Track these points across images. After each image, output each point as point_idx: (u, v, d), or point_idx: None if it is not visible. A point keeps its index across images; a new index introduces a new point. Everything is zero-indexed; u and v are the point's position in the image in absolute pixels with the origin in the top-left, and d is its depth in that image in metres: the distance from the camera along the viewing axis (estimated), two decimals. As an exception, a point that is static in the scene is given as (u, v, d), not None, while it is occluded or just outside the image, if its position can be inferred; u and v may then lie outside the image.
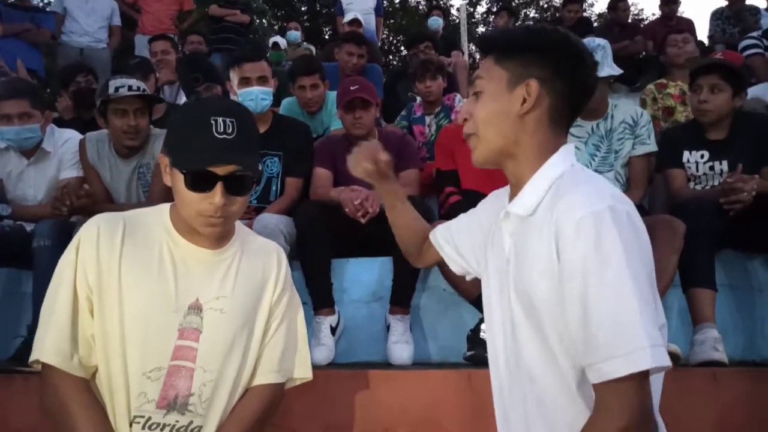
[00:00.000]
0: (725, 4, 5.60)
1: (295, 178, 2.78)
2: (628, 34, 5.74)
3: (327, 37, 9.12)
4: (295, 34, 6.59)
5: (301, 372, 1.41)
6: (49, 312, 1.23)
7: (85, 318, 1.22)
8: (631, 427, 0.89)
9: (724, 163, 2.56)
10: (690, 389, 1.98)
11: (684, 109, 3.52)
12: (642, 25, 7.24)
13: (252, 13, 6.66)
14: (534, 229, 1.00)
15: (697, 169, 2.62)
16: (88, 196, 2.44)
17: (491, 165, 1.11)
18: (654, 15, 13.41)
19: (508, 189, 1.18)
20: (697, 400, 1.96)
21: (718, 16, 5.60)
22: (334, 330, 2.43)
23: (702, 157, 2.61)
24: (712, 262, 2.23)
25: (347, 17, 5.86)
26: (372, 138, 2.78)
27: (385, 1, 7.54)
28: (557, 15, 8.01)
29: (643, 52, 5.73)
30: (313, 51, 6.50)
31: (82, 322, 1.22)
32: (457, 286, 2.28)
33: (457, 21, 8.89)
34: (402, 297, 2.40)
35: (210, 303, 1.26)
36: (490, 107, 1.07)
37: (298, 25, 6.86)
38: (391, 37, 15.27)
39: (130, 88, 2.51)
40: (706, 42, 5.66)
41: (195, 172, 1.18)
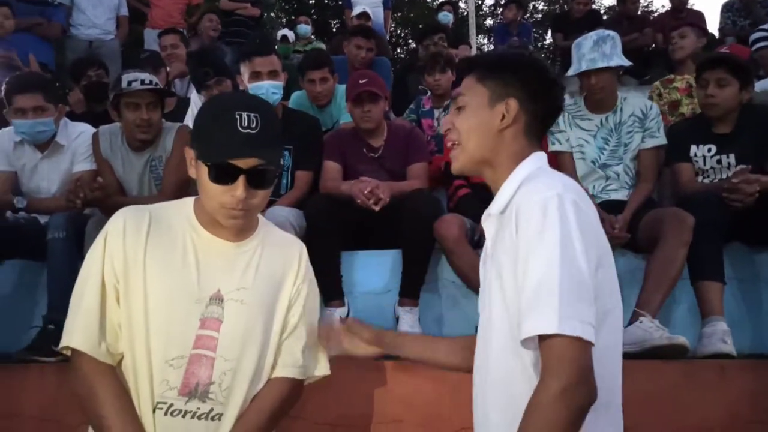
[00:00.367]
0: (736, -4, 5.55)
1: (305, 172, 2.80)
2: (637, 27, 5.71)
3: (335, 30, 9.12)
4: (306, 27, 6.60)
5: (320, 369, 1.45)
6: (78, 300, 1.27)
7: (112, 306, 1.26)
8: (569, 387, 0.96)
9: (731, 157, 2.56)
10: (698, 381, 2.00)
11: (690, 102, 3.51)
12: (651, 18, 7.20)
13: (262, 6, 6.67)
14: (505, 223, 1.12)
15: (704, 163, 2.62)
16: (101, 188, 2.48)
17: (469, 173, 1.25)
18: (664, 7, 13.28)
19: None
20: (705, 392, 1.97)
21: (728, 8, 5.55)
22: (343, 321, 2.45)
23: (709, 150, 2.61)
24: (721, 255, 2.24)
25: (356, 10, 5.86)
26: (380, 132, 2.80)
27: (392, -6, 7.51)
28: (566, 7, 7.97)
29: (653, 45, 5.70)
30: (323, 48, 6.50)
31: (109, 311, 1.26)
32: (466, 278, 2.30)
33: (465, 13, 8.85)
34: (411, 289, 2.42)
35: (231, 294, 1.29)
36: (473, 121, 1.18)
37: (308, 18, 6.85)
38: (398, 30, 15.23)
39: (143, 82, 2.54)
40: (717, 34, 5.63)
41: (218, 165, 1.21)
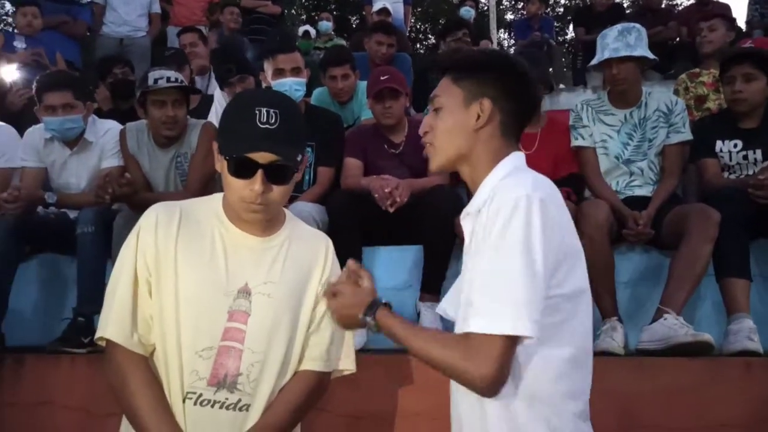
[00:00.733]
0: (764, -13, 5.44)
1: (327, 168, 2.82)
2: (661, 20, 5.62)
3: (354, 26, 9.12)
4: (327, 24, 6.62)
5: (346, 364, 1.46)
6: (112, 293, 1.31)
7: (144, 299, 1.30)
8: (489, 379, 1.02)
9: (758, 152, 2.52)
10: (723, 379, 1.98)
11: (717, 97, 3.46)
12: (676, 11, 7.08)
13: (283, 3, 6.70)
14: (480, 223, 1.14)
15: (730, 159, 2.58)
16: (129, 184, 2.53)
17: (447, 170, 1.28)
18: (688, 0, 13.02)
19: None
20: (730, 389, 1.95)
21: (756, 0, 5.44)
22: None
23: (735, 146, 2.57)
24: (747, 252, 2.21)
25: (376, 6, 5.86)
26: (401, 128, 2.81)
27: (413, -11, 7.48)
28: (588, 1, 7.87)
29: (677, 39, 5.61)
30: (344, 45, 6.52)
31: (141, 303, 1.30)
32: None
33: (486, 8, 8.80)
34: (432, 284, 2.43)
35: (258, 287, 1.31)
36: (449, 122, 1.20)
37: (330, 15, 6.87)
38: (418, 25, 15.18)
39: (169, 80, 2.58)
40: (744, 27, 5.51)
41: (237, 159, 1.23)
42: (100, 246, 2.46)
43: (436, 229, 2.40)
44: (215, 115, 3.51)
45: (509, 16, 15.50)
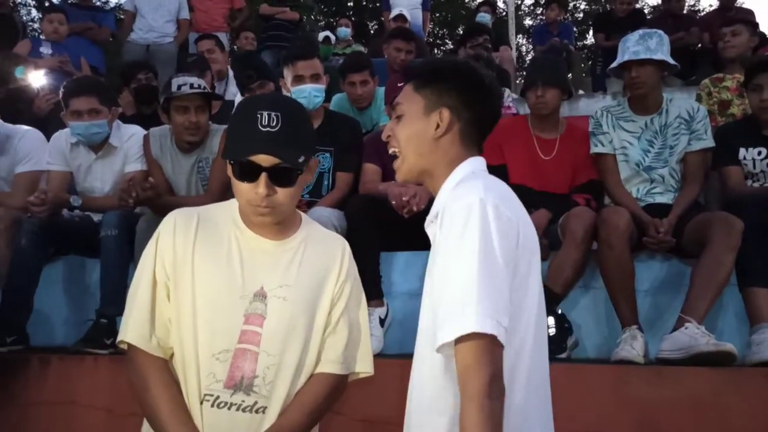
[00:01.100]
0: (788, -8, 5.35)
1: (346, 173, 2.84)
2: (682, 26, 5.56)
3: (372, 32, 9.16)
4: (346, 30, 6.66)
5: (363, 366, 1.45)
6: (132, 297, 1.34)
7: (162, 303, 1.32)
8: (493, 380, 0.98)
9: (784, 160, 2.49)
10: (745, 389, 1.95)
11: (741, 102, 3.41)
12: (698, 17, 7.00)
13: (301, 10, 6.76)
14: (438, 230, 1.14)
15: (754, 166, 2.55)
16: (152, 188, 2.57)
17: (414, 181, 1.28)
18: (711, 6, 12.88)
19: None
20: (752, 400, 1.93)
21: (780, 6, 5.36)
22: (383, 321, 2.48)
23: (759, 153, 2.54)
24: (771, 261, 2.18)
25: (393, 13, 5.89)
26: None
27: (431, -5, 7.49)
28: (608, 7, 7.81)
29: (699, 44, 5.55)
30: (363, 51, 6.56)
31: (160, 307, 1.32)
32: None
33: (505, 13, 8.79)
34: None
35: (274, 291, 1.32)
36: (410, 130, 1.21)
37: (349, 21, 6.91)
38: (436, 30, 15.20)
39: (192, 86, 2.63)
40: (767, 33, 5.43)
41: (240, 163, 1.25)
42: (123, 249, 2.51)
43: (454, 235, 2.40)
44: (236, 121, 3.55)
45: (528, 22, 15.45)
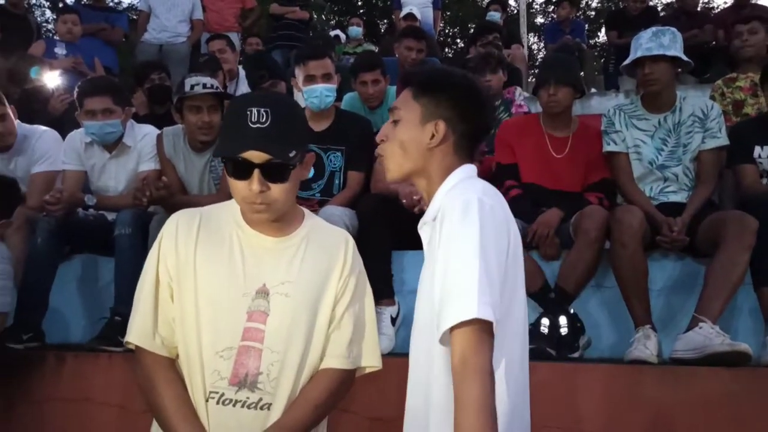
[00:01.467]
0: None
1: (357, 172, 2.85)
2: (696, 23, 5.51)
3: (383, 30, 9.16)
4: (357, 29, 6.66)
5: (371, 360, 1.44)
6: (137, 298, 1.36)
7: (166, 303, 1.34)
8: (487, 363, 1.01)
9: (800, 159, 2.46)
10: (760, 390, 1.94)
11: (755, 102, 3.38)
12: (712, 14, 6.93)
13: (311, 9, 6.78)
14: (436, 229, 1.17)
15: (770, 165, 2.53)
16: (166, 187, 2.59)
17: (402, 181, 1.31)
18: (725, 3, 12.72)
19: None
20: (766, 401, 1.91)
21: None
22: (394, 320, 2.49)
23: (775, 152, 2.51)
24: (786, 261, 2.16)
25: (403, 11, 5.89)
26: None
27: (441, -6, 7.47)
28: (621, 4, 7.74)
29: (713, 42, 5.50)
30: (375, 50, 6.57)
31: (163, 307, 1.34)
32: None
33: (516, 12, 8.76)
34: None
35: (276, 288, 1.33)
36: (406, 136, 1.23)
37: (360, 20, 6.91)
38: (447, 29, 15.17)
39: (205, 86, 2.64)
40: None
41: (233, 160, 1.25)
42: (136, 247, 2.53)
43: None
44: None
45: (539, 20, 15.37)
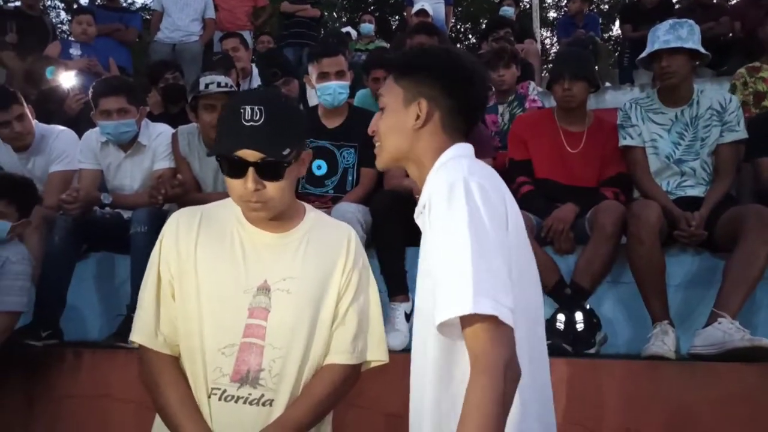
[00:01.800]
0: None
1: (370, 169, 2.84)
2: (712, 16, 5.43)
3: (394, 27, 9.15)
4: (369, 26, 6.64)
5: (377, 354, 1.42)
6: (141, 297, 1.37)
7: (167, 301, 1.34)
8: (504, 363, 0.93)
9: (821, 151, 2.41)
10: (781, 386, 1.91)
11: (776, 95, 3.32)
12: (729, 5, 6.81)
13: (321, 7, 6.78)
14: (426, 219, 1.12)
15: (790, 158, 2.49)
16: (181, 185, 2.61)
17: (394, 167, 1.25)
18: (741, -7, 12.47)
19: None
20: (789, 397, 1.88)
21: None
22: (408, 316, 2.48)
23: (795, 144, 2.47)
24: (808, 255, 2.12)
25: (415, 8, 5.87)
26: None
27: (453, -11, 7.43)
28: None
29: (730, 34, 5.41)
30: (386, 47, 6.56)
31: (165, 305, 1.34)
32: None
33: (529, 6, 8.69)
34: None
35: (277, 284, 1.32)
36: (391, 121, 1.19)
37: (372, 17, 6.89)
38: (459, 25, 15.10)
39: (219, 85, 2.66)
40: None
41: (227, 158, 1.25)
42: (152, 245, 2.52)
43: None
44: (261, 118, 3.58)
45: (552, 15, 15.24)
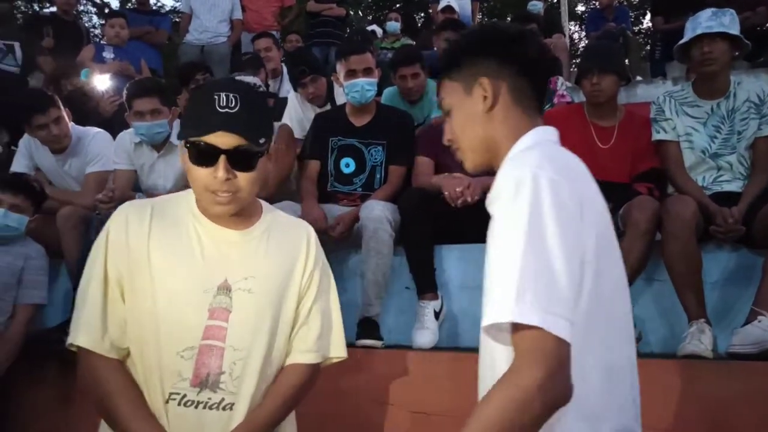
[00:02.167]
0: None
1: (399, 166, 2.85)
2: (748, 6, 5.27)
3: (420, 24, 9.13)
4: (395, 24, 6.63)
5: (337, 351, 1.41)
6: (82, 298, 1.26)
7: (116, 302, 1.25)
8: (548, 379, 0.84)
9: None
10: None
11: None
12: (765, -6, 6.60)
13: (347, 5, 6.80)
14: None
15: (831, 151, 2.40)
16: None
17: (484, 168, 1.16)
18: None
19: None
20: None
21: None
22: (437, 315, 2.48)
23: (837, 137, 2.38)
24: None
25: (441, 4, 5.84)
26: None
27: (480, -15, 7.39)
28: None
29: (766, 25, 5.25)
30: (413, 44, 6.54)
31: (112, 306, 1.25)
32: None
33: (557, 0, 8.57)
34: (506, 283, 2.40)
35: (238, 283, 1.27)
36: (460, 117, 1.14)
37: (398, 15, 6.88)
38: (484, 20, 14.99)
39: (248, 85, 2.68)
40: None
41: (197, 145, 1.18)
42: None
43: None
44: (289, 118, 3.62)
45: (581, 8, 15.01)
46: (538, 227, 0.89)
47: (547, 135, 1.09)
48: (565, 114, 2.81)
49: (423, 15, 11.81)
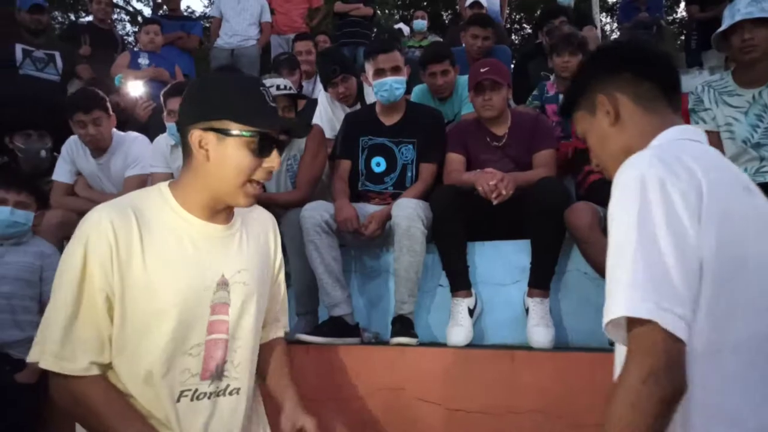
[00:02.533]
0: None
1: (430, 164, 2.84)
2: (790, -11, 5.09)
3: (446, 21, 9.09)
4: (422, 23, 6.62)
5: (287, 326, 1.60)
6: (61, 316, 1.18)
7: (102, 319, 1.19)
8: (652, 374, 0.84)
9: None
10: None
11: None
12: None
13: (374, 5, 6.81)
14: None
15: None
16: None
17: None
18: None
19: None
20: None
21: None
22: (471, 312, 2.47)
23: None
24: None
25: (468, 0, 5.80)
26: (503, 120, 2.77)
27: (507, -21, 7.28)
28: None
29: (810, 8, 5.05)
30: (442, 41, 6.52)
31: (100, 324, 1.19)
32: (600, 268, 2.22)
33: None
34: (541, 280, 2.38)
35: (234, 277, 1.31)
36: (594, 137, 1.21)
37: (425, 14, 6.86)
38: (513, 15, 14.82)
39: (278, 88, 2.72)
40: None
41: (264, 136, 1.24)
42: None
43: (543, 223, 2.34)
44: (320, 118, 3.65)
45: (611, -1, 14.70)
46: (647, 227, 0.90)
47: (678, 133, 1.09)
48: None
49: (450, 12, 11.76)
